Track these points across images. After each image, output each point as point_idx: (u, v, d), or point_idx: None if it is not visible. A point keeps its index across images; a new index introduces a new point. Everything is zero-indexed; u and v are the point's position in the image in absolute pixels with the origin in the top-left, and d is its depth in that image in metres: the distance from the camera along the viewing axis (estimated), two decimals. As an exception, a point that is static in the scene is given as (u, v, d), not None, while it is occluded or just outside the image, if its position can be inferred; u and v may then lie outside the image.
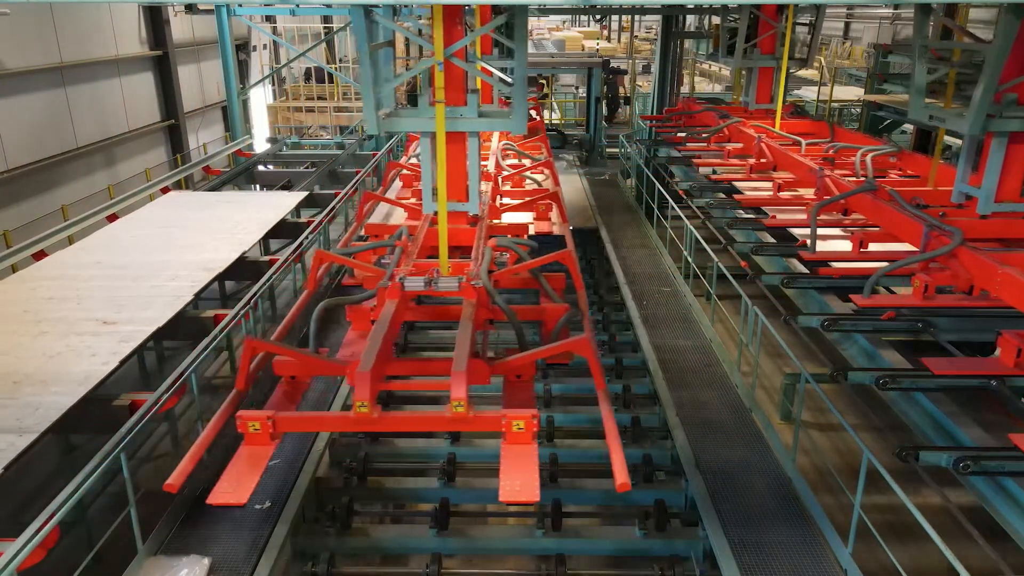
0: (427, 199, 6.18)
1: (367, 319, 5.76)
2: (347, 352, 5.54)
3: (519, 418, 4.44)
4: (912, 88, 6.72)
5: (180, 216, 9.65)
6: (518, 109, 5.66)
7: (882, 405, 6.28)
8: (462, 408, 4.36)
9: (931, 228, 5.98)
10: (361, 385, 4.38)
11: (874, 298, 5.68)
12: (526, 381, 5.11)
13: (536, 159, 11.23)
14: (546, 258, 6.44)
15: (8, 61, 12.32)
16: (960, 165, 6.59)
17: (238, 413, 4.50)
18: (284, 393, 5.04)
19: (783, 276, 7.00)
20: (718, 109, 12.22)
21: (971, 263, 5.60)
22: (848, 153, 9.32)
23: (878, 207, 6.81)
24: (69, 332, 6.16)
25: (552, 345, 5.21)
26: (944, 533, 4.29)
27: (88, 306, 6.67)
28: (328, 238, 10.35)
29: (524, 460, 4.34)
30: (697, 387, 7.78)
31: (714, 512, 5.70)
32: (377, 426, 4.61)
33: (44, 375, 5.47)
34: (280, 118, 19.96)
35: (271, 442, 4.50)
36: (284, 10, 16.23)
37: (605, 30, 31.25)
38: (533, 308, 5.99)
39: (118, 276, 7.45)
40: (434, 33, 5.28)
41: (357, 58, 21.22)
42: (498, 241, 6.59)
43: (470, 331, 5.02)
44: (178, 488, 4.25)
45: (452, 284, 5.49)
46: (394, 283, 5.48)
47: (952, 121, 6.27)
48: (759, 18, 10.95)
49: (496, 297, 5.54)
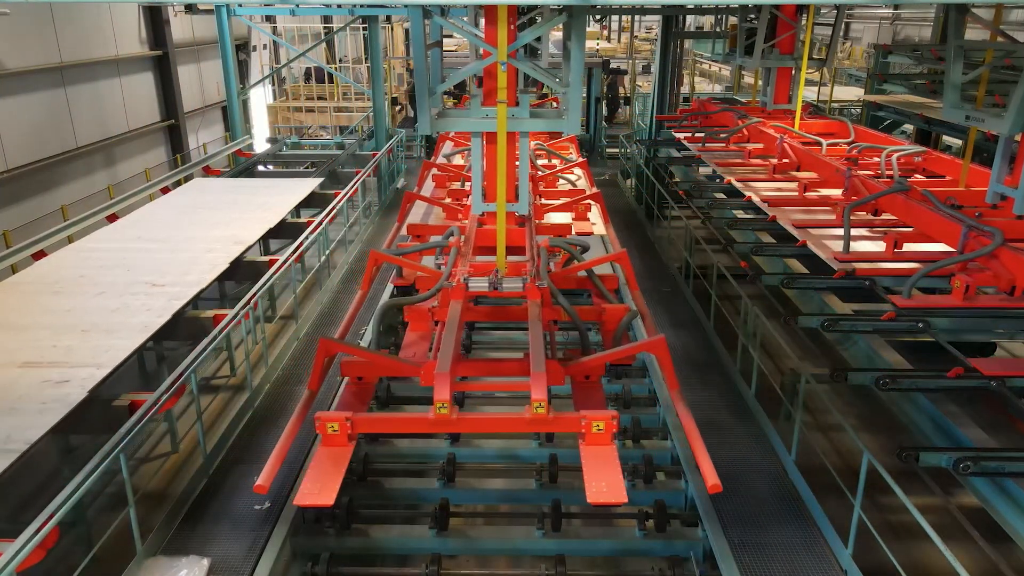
0: (476, 200, 6.18)
1: (426, 320, 5.81)
2: (409, 353, 5.59)
3: (599, 419, 4.47)
4: (946, 88, 6.70)
5: (209, 199, 10.53)
6: (573, 109, 5.68)
7: (882, 405, 6.27)
8: (543, 410, 4.39)
9: (970, 228, 5.85)
10: (441, 386, 4.41)
11: (915, 298, 5.57)
12: (594, 381, 5.13)
13: (567, 158, 11.25)
14: (603, 258, 6.47)
15: (8, 61, 12.32)
16: (995, 165, 6.57)
17: (316, 414, 4.56)
18: (353, 394, 5.09)
19: (783, 276, 7.00)
20: (736, 109, 12.08)
21: (1013, 263, 5.46)
22: (871, 153, 9.21)
23: (911, 207, 6.69)
24: (124, 292, 7.08)
25: (630, 345, 5.22)
26: (944, 534, 4.29)
27: (136, 272, 7.60)
28: (328, 238, 10.35)
29: (606, 461, 4.36)
30: (697, 387, 7.78)
31: (714, 512, 5.70)
32: (456, 427, 4.64)
33: (109, 325, 6.35)
34: (280, 118, 19.95)
35: (349, 443, 4.55)
36: (284, 10, 16.25)
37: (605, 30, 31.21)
38: (593, 308, 6.01)
39: (158, 249, 8.32)
40: (498, 33, 5.30)
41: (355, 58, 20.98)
42: (551, 241, 6.61)
43: (540, 331, 5.07)
44: (267, 489, 4.35)
45: (516, 285, 5.58)
46: (458, 283, 5.52)
47: (991, 122, 6.24)
48: (777, 18, 10.91)
49: (560, 297, 5.59)
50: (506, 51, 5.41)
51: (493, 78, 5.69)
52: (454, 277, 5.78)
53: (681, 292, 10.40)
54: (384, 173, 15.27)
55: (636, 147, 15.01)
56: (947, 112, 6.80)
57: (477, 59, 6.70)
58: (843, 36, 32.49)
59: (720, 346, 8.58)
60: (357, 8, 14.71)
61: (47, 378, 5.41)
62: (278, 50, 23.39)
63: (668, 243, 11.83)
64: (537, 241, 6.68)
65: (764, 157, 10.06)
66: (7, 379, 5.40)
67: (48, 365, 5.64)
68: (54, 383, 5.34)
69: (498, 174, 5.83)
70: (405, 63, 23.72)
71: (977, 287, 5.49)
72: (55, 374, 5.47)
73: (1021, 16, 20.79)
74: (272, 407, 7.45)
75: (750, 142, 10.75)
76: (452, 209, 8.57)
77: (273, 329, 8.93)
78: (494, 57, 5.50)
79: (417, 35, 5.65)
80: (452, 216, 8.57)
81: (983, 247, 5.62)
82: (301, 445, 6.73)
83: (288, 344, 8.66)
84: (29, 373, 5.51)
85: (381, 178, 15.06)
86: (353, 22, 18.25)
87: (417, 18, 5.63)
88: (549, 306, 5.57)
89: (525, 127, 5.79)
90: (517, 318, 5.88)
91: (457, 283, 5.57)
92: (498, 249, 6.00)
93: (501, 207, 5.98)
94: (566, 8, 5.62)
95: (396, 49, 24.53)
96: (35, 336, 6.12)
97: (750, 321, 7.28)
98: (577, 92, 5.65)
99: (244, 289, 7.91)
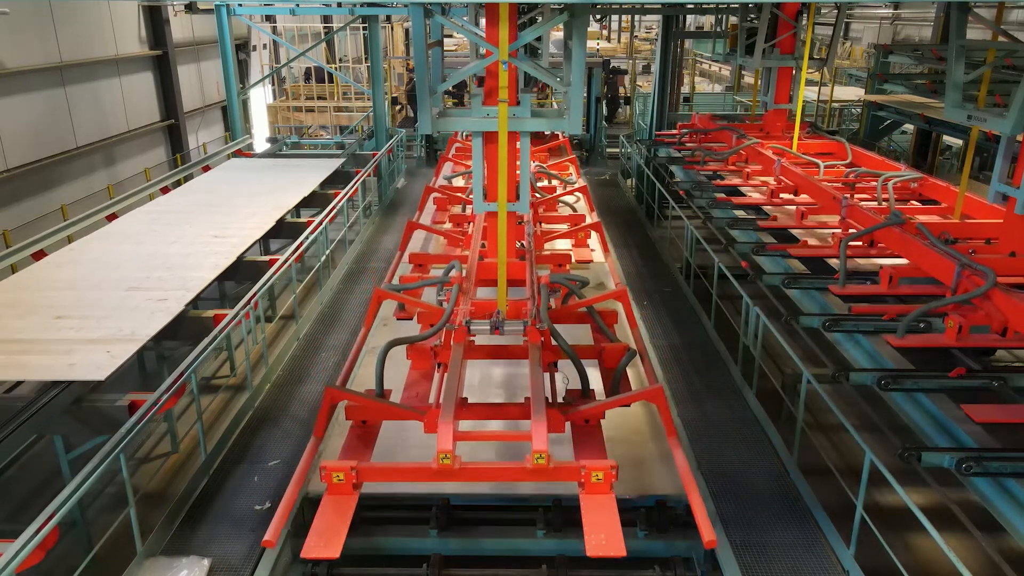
0: (478, 199, 6.23)
1: (428, 358, 5.86)
2: (411, 393, 5.63)
3: (598, 469, 4.52)
4: (948, 87, 6.69)
5: (248, 175, 12.13)
6: (574, 109, 5.68)
7: (883, 405, 6.26)
8: (543, 460, 4.42)
9: (963, 267, 5.83)
10: (444, 437, 4.47)
11: (908, 338, 5.61)
12: (594, 425, 5.17)
13: (567, 180, 11.27)
14: (602, 296, 6.54)
15: (8, 61, 12.30)
16: (996, 165, 6.56)
17: (322, 464, 4.61)
18: (358, 437, 5.13)
19: (784, 276, 6.99)
20: (735, 127, 12.05)
21: (1006, 305, 5.41)
22: (868, 178, 9.25)
23: (906, 241, 6.68)
24: (193, 242, 8.54)
25: (628, 395, 5.27)
26: (946, 533, 4.28)
27: (198, 228, 9.08)
28: (328, 238, 10.34)
29: (605, 512, 4.41)
30: (698, 387, 7.77)
31: (716, 513, 5.69)
32: (459, 476, 4.68)
33: (185, 266, 7.77)
34: (280, 118, 19.92)
35: (354, 492, 4.61)
36: (284, 10, 16.22)
37: (605, 30, 31.21)
38: (591, 347, 6.09)
39: (213, 212, 9.83)
40: (499, 32, 5.30)
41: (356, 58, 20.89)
42: (551, 277, 6.69)
43: (540, 376, 5.14)
44: (275, 543, 4.42)
45: (518, 328, 5.66)
46: (460, 327, 5.62)
47: (993, 122, 6.23)
48: (778, 18, 10.91)
49: (561, 340, 5.63)
50: (507, 50, 5.41)
51: (494, 77, 5.69)
52: (456, 318, 5.85)
53: (682, 292, 10.39)
54: (384, 173, 15.27)
55: (636, 147, 15.00)
56: (949, 112, 6.79)
57: (478, 58, 6.70)
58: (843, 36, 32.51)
59: (721, 346, 8.57)
60: (357, 8, 14.69)
61: (149, 297, 6.90)
62: (278, 50, 23.37)
63: (668, 243, 11.82)
64: (537, 273, 6.75)
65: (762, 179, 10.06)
66: (118, 299, 6.89)
67: (147, 289, 7.13)
68: (156, 300, 6.84)
69: (499, 173, 5.82)
70: (405, 63, 23.71)
71: (970, 327, 5.49)
72: (155, 295, 6.97)
73: (1022, 16, 20.79)
74: (272, 407, 7.44)
75: (748, 162, 10.74)
76: (454, 238, 8.62)
77: (273, 329, 8.93)
78: (495, 56, 5.49)
79: (418, 34, 5.66)
80: (454, 243, 8.62)
81: (976, 287, 5.60)
82: (302, 446, 6.72)
83: (288, 344, 8.65)
84: (135, 295, 6.98)
85: (381, 178, 15.05)
86: (353, 22, 18.23)
87: (418, 17, 5.64)
88: (549, 347, 5.65)
89: (526, 126, 5.78)
90: (518, 356, 5.97)
91: (459, 325, 5.65)
92: (499, 292, 6.09)
93: (502, 207, 5.98)
94: (567, 7, 5.61)
95: (396, 49, 24.51)
96: (129, 271, 7.61)
97: (751, 321, 7.28)
98: (578, 91, 5.64)
99: (244, 289, 7.91)
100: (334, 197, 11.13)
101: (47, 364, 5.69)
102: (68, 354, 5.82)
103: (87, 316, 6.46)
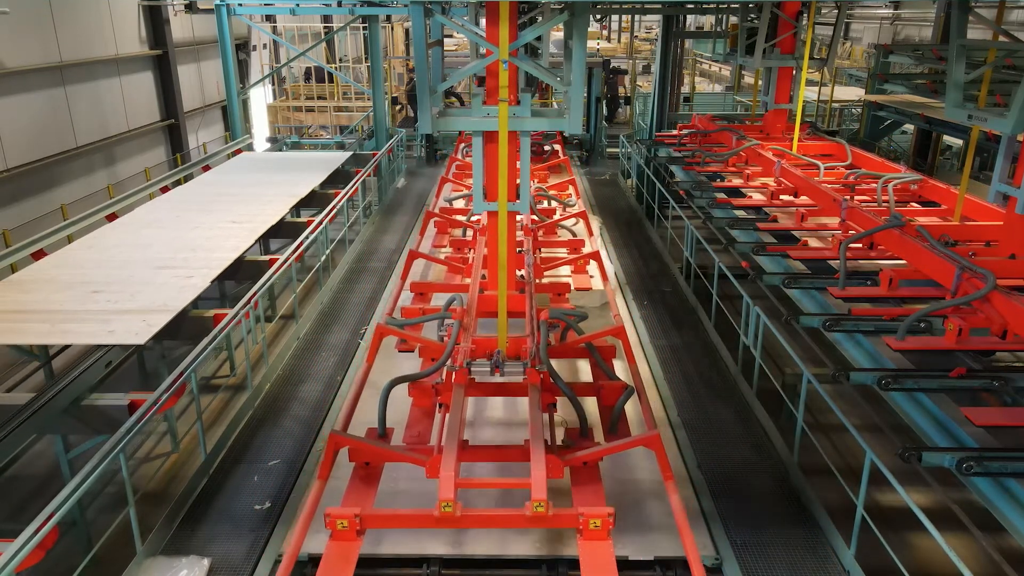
0: (478, 199, 6.25)
1: (430, 396, 5.91)
2: (413, 433, 5.67)
3: (596, 516, 4.54)
4: (949, 87, 6.68)
5: (261, 168, 12.78)
6: (574, 109, 5.67)
7: (884, 405, 6.26)
8: (542, 508, 4.46)
9: (963, 270, 5.83)
10: (446, 485, 4.53)
11: (908, 340, 5.59)
12: (592, 468, 5.19)
13: (567, 203, 11.24)
14: (600, 332, 6.61)
15: (8, 60, 12.29)
16: (997, 164, 6.56)
17: (326, 511, 4.63)
18: (361, 479, 5.18)
19: (784, 276, 6.98)
20: (735, 129, 12.03)
21: (1005, 308, 5.41)
22: (868, 179, 9.23)
23: (906, 244, 6.67)
24: (213, 226, 9.15)
25: (626, 441, 5.29)
26: (947, 533, 4.27)
27: (218, 215, 9.65)
28: (328, 238, 10.34)
29: (602, 559, 4.43)
30: (698, 386, 7.77)
31: (716, 513, 5.69)
32: (461, 523, 4.71)
33: (208, 247, 8.34)
34: (280, 118, 19.91)
35: (357, 538, 4.62)
36: (284, 10, 16.19)
37: (605, 30, 31.20)
38: (590, 385, 6.14)
39: (229, 200, 10.40)
40: (500, 31, 5.29)
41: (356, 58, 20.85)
42: (550, 312, 6.71)
43: (540, 420, 5.17)
44: None
45: (518, 369, 5.76)
46: (461, 368, 5.70)
47: (993, 121, 6.22)
48: (778, 18, 10.90)
49: (560, 382, 5.67)
50: (507, 49, 5.40)
51: (494, 77, 5.68)
52: (456, 358, 5.89)
53: (682, 291, 10.39)
54: (384, 173, 15.26)
55: (636, 147, 14.99)
56: (949, 111, 6.79)
57: (478, 58, 6.69)
58: (843, 36, 32.50)
59: (722, 346, 8.57)
60: (357, 8, 14.68)
61: (177, 275, 7.44)
62: (278, 50, 23.35)
63: (669, 242, 11.81)
64: (537, 307, 6.77)
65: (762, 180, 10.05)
66: (148, 275, 7.43)
67: (174, 267, 7.67)
68: (183, 277, 7.38)
69: (499, 173, 5.81)
70: (405, 63, 23.70)
71: (970, 329, 5.50)
72: (182, 272, 7.51)
73: (1022, 16, 20.79)
74: (272, 407, 7.44)
75: (748, 164, 10.72)
76: (455, 267, 8.62)
77: (273, 329, 8.92)
78: (496, 55, 5.49)
79: (418, 34, 5.65)
80: (455, 271, 8.61)
81: (976, 290, 5.60)
82: (302, 446, 6.72)
83: (288, 344, 8.65)
84: (163, 272, 7.53)
85: (381, 178, 15.05)
86: (353, 22, 18.23)
87: (418, 17, 5.63)
88: (548, 388, 5.69)
89: (526, 126, 5.77)
90: (517, 394, 6.02)
91: (460, 367, 5.72)
92: (499, 331, 6.12)
93: (502, 207, 5.96)
94: (567, 7, 5.61)
95: (396, 49, 24.51)
96: (156, 251, 8.20)
97: (751, 321, 7.27)
98: (579, 91, 5.63)
99: (244, 289, 7.92)
100: (334, 197, 11.13)
101: (88, 330, 6.14)
102: (107, 323, 6.26)
103: (121, 291, 7.02)
